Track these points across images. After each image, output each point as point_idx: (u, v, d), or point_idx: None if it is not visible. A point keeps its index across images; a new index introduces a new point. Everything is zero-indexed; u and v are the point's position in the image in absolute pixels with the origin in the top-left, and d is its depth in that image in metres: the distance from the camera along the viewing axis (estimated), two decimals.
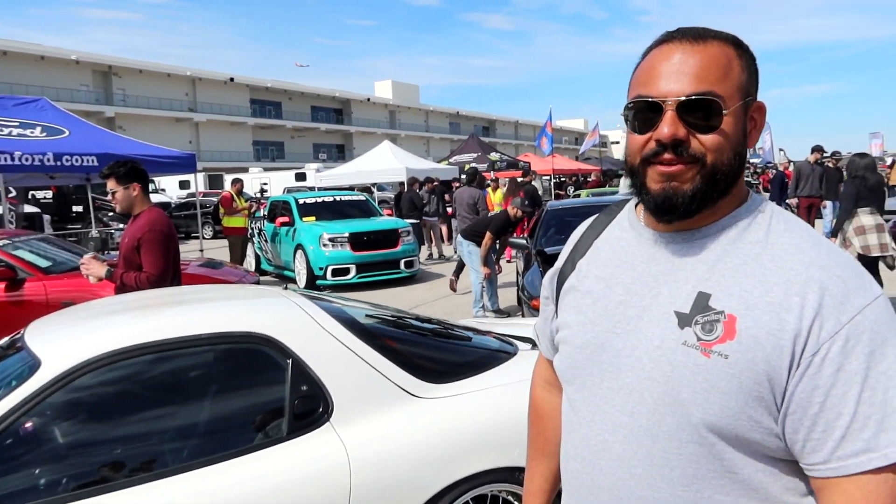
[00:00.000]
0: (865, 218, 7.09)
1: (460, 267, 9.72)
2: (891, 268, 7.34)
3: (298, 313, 2.52)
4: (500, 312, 8.56)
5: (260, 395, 2.41)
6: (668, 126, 0.97)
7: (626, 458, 1.01)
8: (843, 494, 0.88)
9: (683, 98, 0.96)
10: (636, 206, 1.15)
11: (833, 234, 7.78)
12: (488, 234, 8.26)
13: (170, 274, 3.89)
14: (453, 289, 9.75)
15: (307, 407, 2.31)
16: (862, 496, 0.87)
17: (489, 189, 14.25)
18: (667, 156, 0.98)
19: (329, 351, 2.41)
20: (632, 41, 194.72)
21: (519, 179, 15.96)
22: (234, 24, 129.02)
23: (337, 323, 2.53)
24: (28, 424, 2.15)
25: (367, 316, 2.87)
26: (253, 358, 2.39)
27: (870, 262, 6.90)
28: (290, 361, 2.33)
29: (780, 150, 40.57)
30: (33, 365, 2.18)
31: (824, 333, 0.89)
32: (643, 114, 1.00)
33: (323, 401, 2.33)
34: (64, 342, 2.31)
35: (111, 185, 4.12)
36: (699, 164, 0.98)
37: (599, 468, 1.05)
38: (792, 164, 11.64)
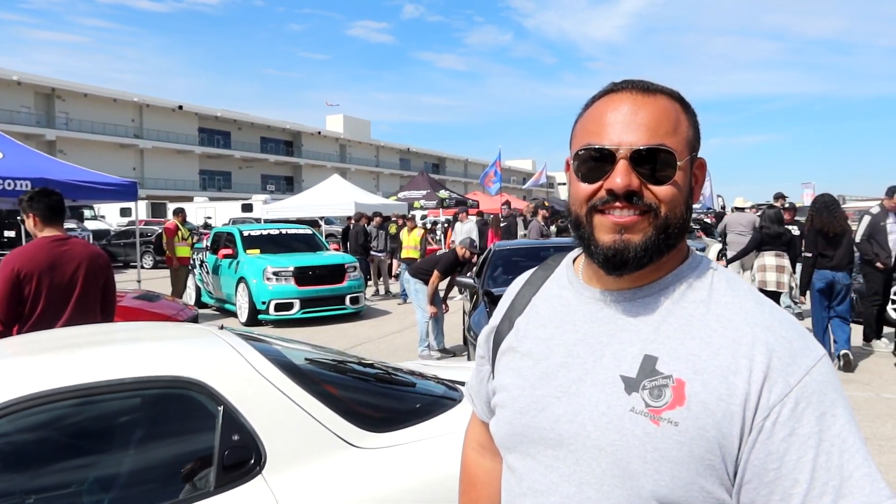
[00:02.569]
0: (769, 259, 8.27)
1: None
2: (795, 303, 8.86)
3: (232, 356, 2.37)
4: (446, 352, 8.46)
5: (187, 445, 2.24)
6: (621, 175, 0.94)
7: None
8: None
9: (640, 148, 0.94)
10: (574, 261, 1.12)
11: (728, 262, 9.38)
12: (436, 273, 8.18)
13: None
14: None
15: (238, 457, 2.15)
16: None
17: (404, 230, 14.00)
18: (618, 204, 0.95)
19: (263, 397, 2.27)
20: (580, 86, 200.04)
21: (501, 215, 16.14)
22: (184, 52, 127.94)
23: (273, 366, 2.39)
24: None
25: (305, 359, 2.73)
26: (181, 404, 2.23)
27: (773, 296, 8.04)
28: (220, 408, 2.18)
29: (718, 196, 41.91)
30: None
31: (773, 397, 0.87)
32: (593, 162, 0.97)
33: (255, 451, 2.17)
34: None
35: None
36: (652, 215, 0.96)
37: None
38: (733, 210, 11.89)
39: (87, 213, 26.28)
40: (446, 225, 20.78)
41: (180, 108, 57.81)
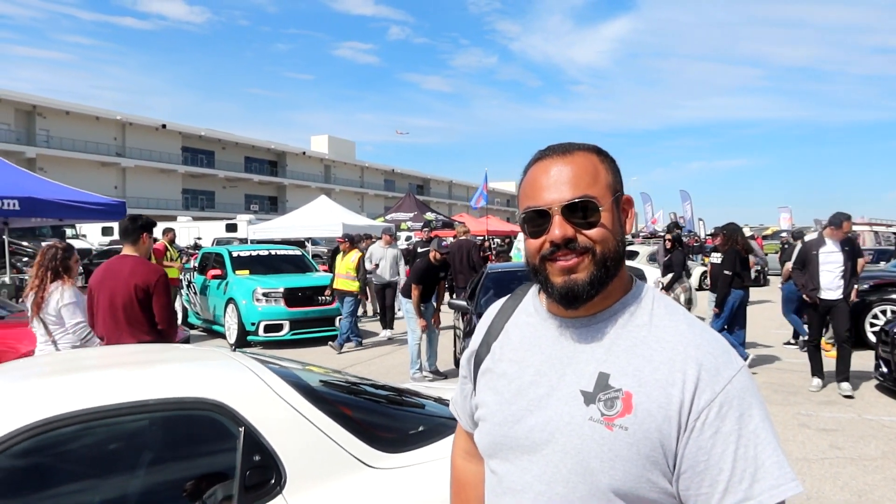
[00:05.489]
0: (686, 282, 9.94)
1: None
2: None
3: (251, 378, 2.44)
4: (438, 374, 8.47)
5: (210, 465, 2.30)
6: (557, 228, 1.14)
7: None
8: None
9: (565, 202, 1.14)
10: (539, 291, 1.28)
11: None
12: (413, 286, 8.20)
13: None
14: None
15: (259, 478, 2.21)
16: None
17: (339, 254, 11.51)
18: (561, 252, 1.14)
19: (283, 418, 2.34)
20: (564, 108, 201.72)
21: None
22: (168, 71, 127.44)
23: (290, 388, 2.46)
24: None
25: (320, 381, 2.81)
26: (203, 425, 2.29)
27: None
28: (242, 429, 2.24)
29: (700, 219, 42.41)
30: None
31: (702, 402, 1.06)
32: (535, 221, 1.17)
33: (276, 471, 2.24)
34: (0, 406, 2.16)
35: None
36: (590, 254, 1.14)
37: None
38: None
39: (68, 231, 26.05)
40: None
41: (163, 126, 57.67)
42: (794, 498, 4.55)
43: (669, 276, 9.89)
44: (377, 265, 11.72)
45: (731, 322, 8.75)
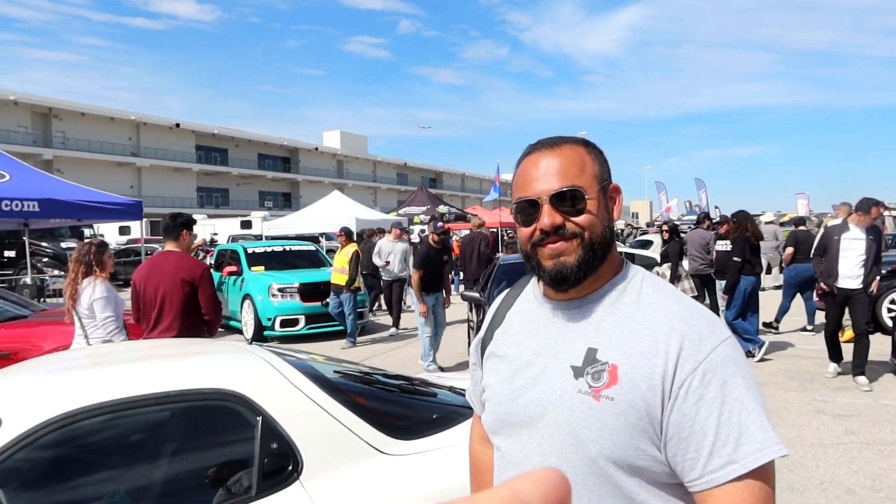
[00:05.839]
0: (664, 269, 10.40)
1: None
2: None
3: (267, 369, 2.51)
4: (441, 370, 8.41)
5: (229, 453, 2.38)
6: (546, 217, 1.21)
7: None
8: (717, 502, 1.07)
9: (555, 192, 1.21)
10: (539, 280, 1.35)
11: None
12: (415, 271, 8.25)
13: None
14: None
15: (277, 465, 2.29)
16: (730, 501, 1.06)
17: (339, 249, 11.01)
18: (550, 239, 1.22)
19: (299, 408, 2.41)
20: (576, 99, 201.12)
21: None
22: (180, 70, 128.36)
23: (306, 379, 2.53)
24: None
25: (334, 371, 2.88)
26: (222, 415, 2.37)
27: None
28: (259, 419, 2.32)
29: (716, 206, 42.14)
30: None
31: (685, 371, 1.11)
32: (526, 211, 1.24)
33: (292, 458, 2.31)
34: (26, 398, 2.25)
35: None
36: (579, 238, 1.21)
37: None
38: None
39: (86, 231, 26.35)
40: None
41: (177, 125, 58.10)
42: (806, 482, 4.62)
43: (666, 265, 10.12)
44: (388, 261, 11.62)
45: (744, 309, 8.75)
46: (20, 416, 2.11)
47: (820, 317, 10.98)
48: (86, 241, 5.45)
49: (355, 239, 11.35)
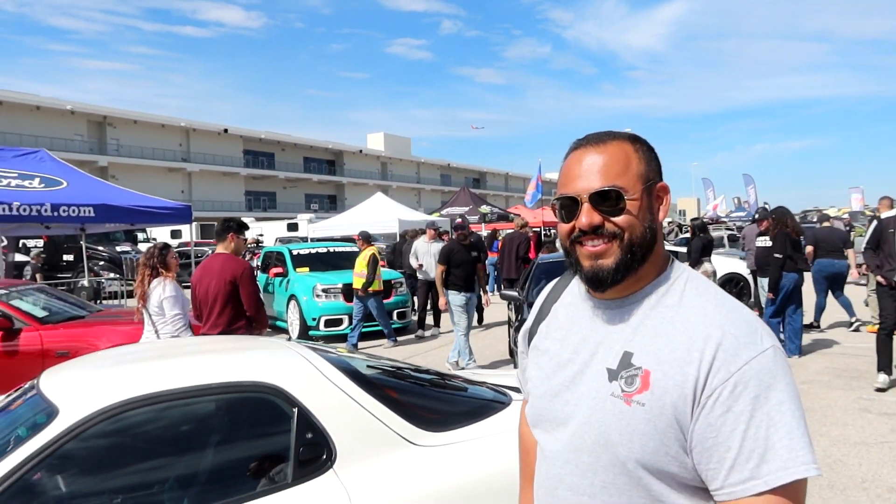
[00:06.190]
0: (707, 265, 10.49)
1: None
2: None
3: (303, 364, 2.64)
4: (457, 366, 8.39)
5: (267, 443, 2.51)
6: (585, 216, 1.22)
7: (576, 488, 1.23)
8: None
9: (595, 191, 1.21)
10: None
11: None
12: (438, 266, 8.51)
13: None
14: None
15: (312, 454, 2.41)
16: None
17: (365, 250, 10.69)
18: (588, 237, 1.22)
19: (333, 400, 2.53)
20: (620, 95, 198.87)
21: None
22: (227, 76, 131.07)
23: (340, 373, 2.65)
24: (44, 472, 2.24)
25: (367, 366, 2.99)
26: (261, 406, 2.50)
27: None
28: (295, 410, 2.44)
29: (765, 202, 41.22)
30: (50, 412, 2.27)
31: (716, 381, 1.09)
32: (567, 207, 1.25)
33: (326, 448, 2.43)
34: (81, 390, 2.42)
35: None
36: (618, 240, 1.21)
37: (557, 496, 1.28)
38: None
39: (139, 235, 27.17)
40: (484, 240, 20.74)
41: (226, 131, 59.36)
42: (847, 480, 4.57)
43: (707, 263, 10.33)
44: (422, 264, 11.57)
45: (786, 305, 8.63)
46: (76, 406, 2.28)
47: (836, 313, 10.87)
48: (152, 245, 5.90)
49: (374, 240, 11.23)
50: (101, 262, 21.41)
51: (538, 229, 23.36)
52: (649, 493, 1.15)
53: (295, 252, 12.93)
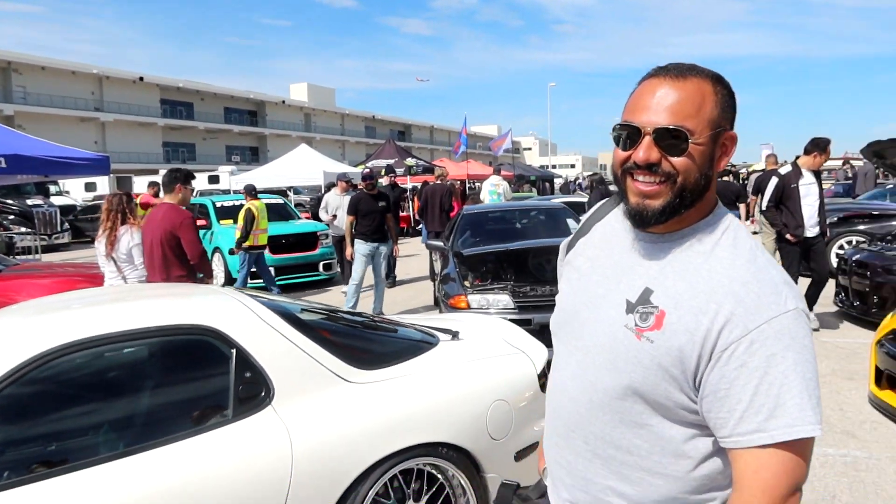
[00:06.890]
0: None
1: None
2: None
3: (240, 307, 2.76)
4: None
5: (207, 382, 2.63)
6: (643, 150, 1.20)
7: (576, 400, 1.32)
8: (743, 462, 1.13)
9: (660, 128, 1.18)
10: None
11: None
12: (347, 217, 8.69)
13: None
14: None
15: (250, 392, 2.55)
16: (756, 464, 1.12)
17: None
18: (641, 172, 1.21)
19: (269, 341, 2.67)
20: (546, 49, 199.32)
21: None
22: (143, 22, 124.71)
23: (275, 315, 2.79)
24: None
25: (303, 310, 3.13)
26: (200, 348, 2.62)
27: None
28: (234, 351, 2.57)
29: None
30: None
31: (732, 336, 1.12)
32: (627, 135, 1.23)
33: (265, 386, 2.58)
34: (18, 336, 2.46)
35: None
36: (671, 182, 1.20)
37: (561, 403, 1.37)
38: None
39: (52, 188, 26.00)
40: (413, 193, 20.81)
41: (141, 79, 56.72)
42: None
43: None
44: (335, 216, 11.28)
45: None
46: (8, 353, 2.31)
47: None
48: (114, 192, 5.98)
49: (256, 195, 10.68)
50: (12, 217, 20.47)
51: (463, 181, 23.57)
52: (640, 418, 1.22)
53: (218, 204, 12.75)
